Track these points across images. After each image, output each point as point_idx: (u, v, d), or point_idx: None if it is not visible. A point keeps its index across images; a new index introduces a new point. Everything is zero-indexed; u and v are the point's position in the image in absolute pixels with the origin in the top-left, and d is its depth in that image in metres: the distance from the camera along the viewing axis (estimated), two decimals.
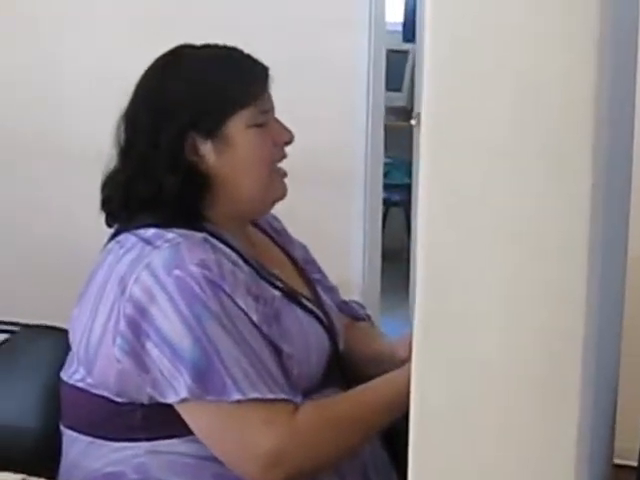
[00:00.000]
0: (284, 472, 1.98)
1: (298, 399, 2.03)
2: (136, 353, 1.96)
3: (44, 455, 2.17)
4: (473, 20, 1.70)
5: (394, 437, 2.00)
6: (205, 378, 1.94)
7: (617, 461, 2.04)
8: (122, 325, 1.97)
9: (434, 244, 1.75)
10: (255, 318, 2.03)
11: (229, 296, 2.00)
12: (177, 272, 1.97)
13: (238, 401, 1.94)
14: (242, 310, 2.01)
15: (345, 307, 2.43)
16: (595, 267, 1.73)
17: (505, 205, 1.71)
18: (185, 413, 1.99)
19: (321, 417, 2.04)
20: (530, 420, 1.76)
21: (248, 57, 2.20)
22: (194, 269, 1.98)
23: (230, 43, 2.24)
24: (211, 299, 1.97)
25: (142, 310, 1.96)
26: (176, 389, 1.94)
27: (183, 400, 1.95)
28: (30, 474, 2.04)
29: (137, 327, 1.96)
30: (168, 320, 1.95)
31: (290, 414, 1.99)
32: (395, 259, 5.02)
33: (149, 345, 1.95)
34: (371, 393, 2.08)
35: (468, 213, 1.73)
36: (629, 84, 1.97)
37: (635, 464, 2.11)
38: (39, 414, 2.24)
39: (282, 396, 1.99)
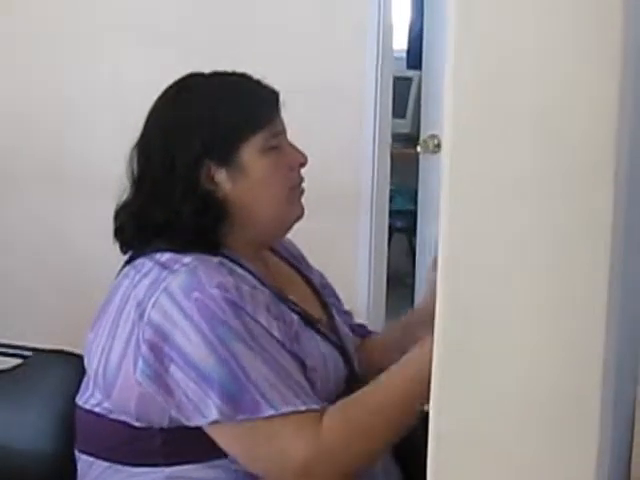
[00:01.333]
0: (319, 477, 2.00)
1: (323, 405, 2.03)
2: (160, 377, 1.96)
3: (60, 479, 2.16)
4: (497, 54, 1.69)
5: (407, 456, 2.00)
6: (235, 398, 1.93)
7: None
8: (144, 350, 1.97)
9: (454, 281, 1.75)
10: (277, 334, 2.03)
11: (250, 316, 2.00)
12: (196, 294, 1.97)
13: (271, 416, 1.94)
14: (264, 328, 2.01)
15: (358, 329, 2.45)
16: (614, 295, 1.72)
17: (525, 242, 1.71)
18: (214, 434, 1.98)
19: (347, 417, 2.03)
20: (547, 459, 1.76)
21: (257, 82, 2.21)
22: (214, 291, 1.97)
23: (241, 70, 2.25)
24: (232, 319, 1.97)
25: (163, 334, 1.96)
26: (203, 412, 1.93)
27: (215, 422, 1.94)
28: None
29: (159, 351, 1.96)
30: (191, 343, 1.94)
31: (318, 422, 1.99)
32: (398, 284, 5.02)
33: (173, 368, 1.95)
34: (390, 379, 2.06)
35: (488, 250, 1.74)
36: None
37: None
38: (53, 439, 2.25)
39: (312, 406, 1.99)
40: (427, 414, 1.72)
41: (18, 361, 2.37)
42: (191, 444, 2.01)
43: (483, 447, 1.75)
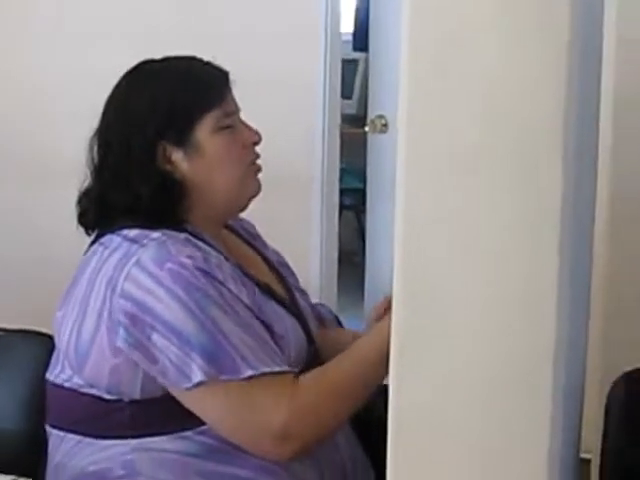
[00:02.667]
0: (298, 444, 2.02)
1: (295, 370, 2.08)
2: (142, 345, 1.99)
3: (30, 456, 2.19)
4: (450, 38, 1.74)
5: (371, 436, 2.02)
6: (217, 359, 1.97)
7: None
8: (123, 321, 2.00)
9: (410, 259, 1.79)
10: (246, 301, 2.07)
11: (222, 283, 2.04)
12: (169, 265, 2.00)
13: (250, 377, 1.97)
14: (235, 295, 2.05)
15: (314, 310, 2.46)
16: (564, 278, 1.76)
17: (479, 218, 1.74)
18: (195, 400, 2.01)
19: (320, 383, 2.07)
20: (504, 422, 1.79)
21: (207, 64, 2.24)
22: (185, 260, 2.01)
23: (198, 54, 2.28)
24: (206, 285, 2.01)
25: (141, 305, 1.99)
26: (188, 375, 1.96)
27: (198, 384, 1.97)
28: (19, 476, 2.06)
29: (140, 321, 1.99)
30: (169, 310, 1.98)
31: (294, 384, 2.03)
32: (348, 261, 5.06)
33: (155, 336, 1.98)
34: (358, 350, 2.10)
35: (442, 235, 1.77)
36: (593, 94, 2.00)
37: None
38: (23, 416, 2.27)
39: (286, 368, 2.03)
40: (386, 389, 1.78)
41: None
42: (158, 416, 2.04)
43: (439, 421, 1.80)
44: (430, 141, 1.76)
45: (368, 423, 2.10)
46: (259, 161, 2.25)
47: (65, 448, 2.11)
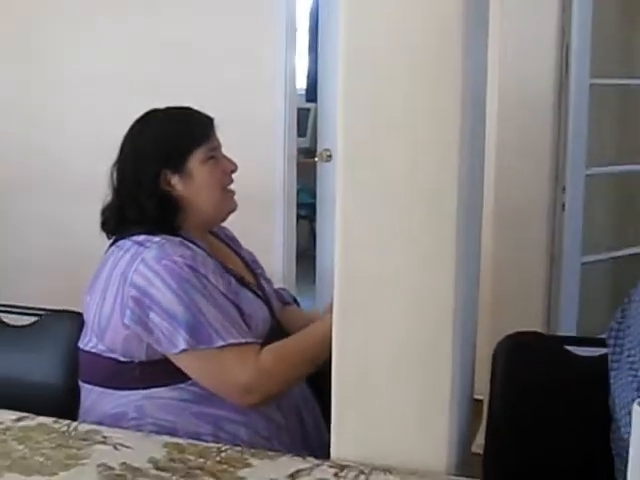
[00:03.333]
0: (258, 396, 2.07)
1: (259, 341, 2.12)
2: (143, 321, 2.05)
3: (68, 404, 2.20)
4: (372, 90, 1.77)
5: (320, 383, 2.02)
6: (196, 333, 2.02)
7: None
8: (130, 303, 2.05)
9: (347, 244, 1.83)
10: (223, 290, 2.12)
11: (204, 276, 2.09)
12: (165, 262, 2.06)
13: (221, 346, 2.02)
14: (214, 285, 2.10)
15: (278, 293, 2.49)
16: (460, 262, 1.79)
17: (396, 221, 1.79)
18: (182, 362, 2.06)
19: (278, 354, 2.11)
20: (418, 369, 1.83)
21: (198, 112, 2.27)
22: (177, 259, 2.07)
23: (186, 103, 2.33)
24: (192, 278, 2.06)
25: (143, 291, 2.04)
26: (175, 343, 2.02)
27: (182, 351, 2.02)
28: (59, 418, 2.07)
29: (142, 303, 2.04)
30: (164, 296, 2.03)
31: (257, 354, 2.08)
32: (304, 256, 5.11)
33: (152, 315, 2.04)
34: (307, 336, 2.15)
35: (369, 235, 1.82)
36: (481, 131, 2.03)
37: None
38: (62, 374, 2.29)
39: (250, 340, 2.08)
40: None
41: (35, 319, 2.40)
42: (160, 373, 2.09)
43: (369, 367, 1.84)
44: (360, 168, 1.80)
45: (319, 381, 2.09)
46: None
47: (92, 397, 2.16)
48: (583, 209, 3.70)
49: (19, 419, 2.06)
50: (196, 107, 2.32)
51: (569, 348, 2.24)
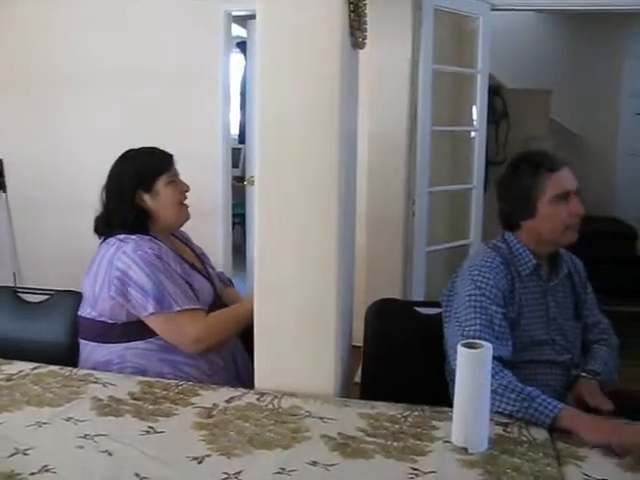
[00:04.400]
0: (204, 346, 2.06)
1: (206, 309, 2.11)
2: (123, 294, 2.03)
3: (71, 355, 2.17)
4: (277, 136, 1.81)
5: (248, 335, 2.01)
6: (161, 301, 2.01)
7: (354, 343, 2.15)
8: (115, 282, 2.03)
9: (262, 242, 1.85)
10: (180, 272, 2.10)
11: (167, 262, 2.08)
12: (139, 252, 2.05)
13: (178, 311, 2.02)
14: (173, 268, 2.09)
15: (219, 276, 2.45)
16: (340, 248, 1.83)
17: (296, 218, 1.81)
18: (151, 322, 2.04)
19: (218, 318, 2.11)
20: (312, 324, 1.86)
21: (162, 150, 2.24)
22: (148, 250, 2.06)
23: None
24: (158, 264, 2.05)
25: (124, 273, 2.03)
26: (146, 308, 2.01)
27: (151, 314, 2.01)
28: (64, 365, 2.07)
29: (123, 281, 2.03)
30: (138, 276, 2.02)
31: (204, 317, 2.08)
32: (238, 251, 5.08)
33: (130, 289, 2.02)
34: (240, 307, 2.14)
35: (279, 222, 1.84)
36: (354, 155, 2.08)
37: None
38: (68, 334, 2.25)
39: (199, 307, 2.08)
40: None
41: (46, 297, 2.37)
42: (136, 331, 2.06)
43: (280, 332, 1.88)
44: (270, 189, 1.83)
45: (249, 335, 2.04)
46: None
47: (88, 350, 2.12)
48: (427, 215, 3.76)
49: (35, 368, 2.04)
50: (162, 147, 2.28)
51: (417, 309, 2.28)
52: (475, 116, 4.01)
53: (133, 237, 2.10)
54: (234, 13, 4.42)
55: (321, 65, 1.74)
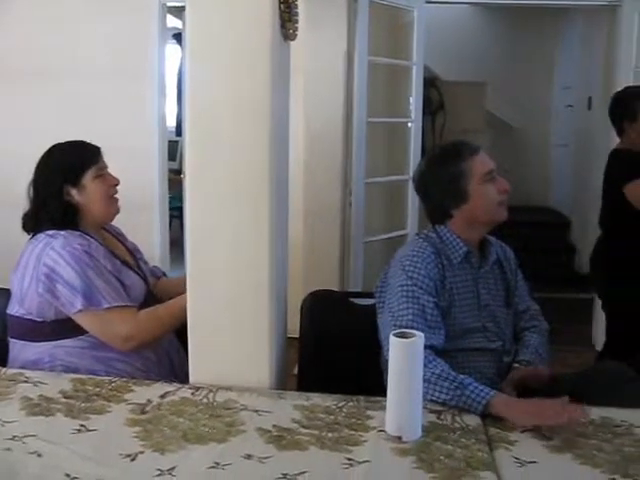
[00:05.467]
0: (136, 344, 2.02)
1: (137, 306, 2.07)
2: (51, 290, 1.98)
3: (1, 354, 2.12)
4: (207, 129, 1.79)
5: (183, 331, 1.99)
6: (89, 297, 1.97)
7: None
8: (43, 278, 1.99)
9: (194, 234, 1.83)
10: (110, 269, 2.06)
11: (96, 259, 2.03)
12: (68, 248, 2.00)
13: (107, 308, 1.98)
14: (103, 265, 2.05)
15: (152, 271, 2.42)
16: (273, 243, 1.83)
17: (227, 210, 1.80)
18: (80, 320, 2.00)
19: (149, 315, 2.06)
20: (247, 314, 1.85)
21: (89, 143, 2.19)
22: (77, 246, 2.01)
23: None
24: (87, 260, 2.01)
25: (52, 269, 1.98)
26: (74, 305, 1.97)
27: (79, 311, 1.97)
28: None
29: (51, 278, 1.98)
30: (66, 272, 1.98)
31: (135, 314, 2.04)
32: (176, 244, 4.99)
33: (58, 286, 1.98)
34: (172, 303, 2.08)
35: (209, 216, 1.82)
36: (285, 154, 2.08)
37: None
38: None
39: (129, 304, 2.04)
40: None
41: None
42: (65, 328, 2.02)
43: (214, 327, 1.86)
44: (202, 182, 1.81)
45: (183, 331, 2.03)
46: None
47: (17, 348, 2.08)
48: (364, 206, 3.79)
49: None
50: (96, 141, 2.23)
51: (353, 299, 2.29)
52: (411, 107, 4.05)
53: (62, 233, 2.05)
54: (169, 4, 4.35)
55: (251, 57, 1.73)
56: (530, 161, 6.98)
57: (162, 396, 1.79)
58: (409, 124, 4.08)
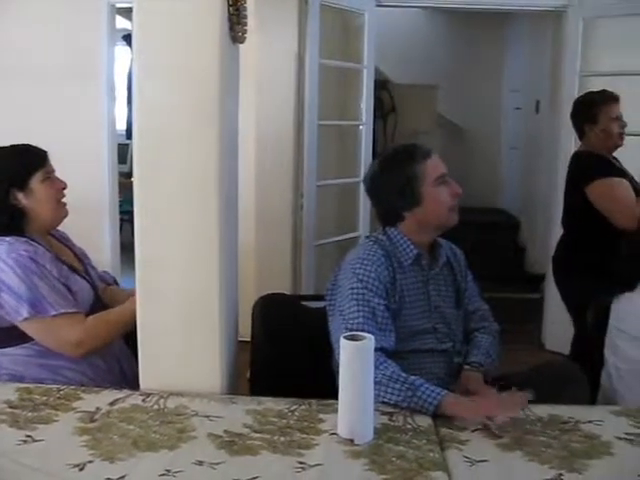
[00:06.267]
0: (85, 350, 1.99)
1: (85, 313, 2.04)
2: None
3: None
4: (156, 136, 1.78)
5: (133, 337, 1.96)
6: (35, 305, 1.93)
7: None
8: None
9: (143, 240, 1.82)
10: (56, 274, 2.02)
11: (43, 265, 1.99)
12: (13, 255, 1.96)
13: (55, 315, 1.94)
14: (49, 271, 2.00)
15: (101, 276, 2.38)
16: (222, 245, 1.83)
17: (175, 216, 1.79)
18: (26, 328, 1.97)
19: (98, 320, 2.03)
20: (196, 320, 1.83)
21: (35, 147, 2.14)
22: (23, 253, 1.97)
23: None
24: (33, 266, 1.96)
25: None
26: (20, 313, 1.93)
27: (25, 319, 1.94)
28: None
29: None
30: (11, 279, 1.94)
31: (83, 320, 2.00)
32: (127, 248, 4.92)
33: (2, 294, 1.94)
34: (122, 308, 2.05)
35: (158, 221, 1.81)
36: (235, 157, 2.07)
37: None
38: None
39: (77, 310, 2.00)
40: None
41: None
42: (10, 337, 1.99)
43: (164, 333, 1.84)
44: (148, 187, 1.80)
45: (133, 337, 2.00)
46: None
47: None
48: (315, 209, 3.79)
49: None
50: (45, 144, 2.19)
51: (305, 303, 2.29)
52: (362, 110, 4.07)
53: (7, 239, 2.01)
54: (118, 5, 4.29)
55: (199, 60, 1.72)
56: (480, 163, 7.07)
57: (112, 403, 1.76)
58: (360, 127, 4.10)
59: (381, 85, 5.95)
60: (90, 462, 1.46)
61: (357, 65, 4.05)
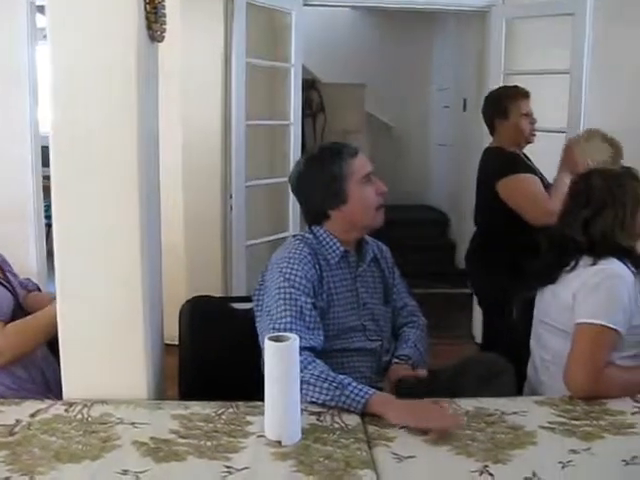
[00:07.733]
0: (5, 359, 1.94)
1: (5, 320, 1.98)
2: None
3: None
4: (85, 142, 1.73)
5: (57, 344, 1.93)
6: None
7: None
8: None
9: (61, 242, 1.77)
10: None
11: None
12: None
13: None
14: None
15: (22, 284, 2.31)
16: (144, 251, 1.80)
17: (95, 220, 1.75)
18: None
19: (18, 327, 1.98)
20: (119, 327, 1.80)
21: None
22: None
23: None
24: None
25: None
26: None
27: None
28: None
29: None
30: None
31: (3, 327, 1.95)
32: (54, 256, 4.77)
33: None
34: (41, 314, 2.01)
35: (77, 226, 1.77)
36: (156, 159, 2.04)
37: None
38: None
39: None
40: None
41: None
42: None
43: (86, 340, 1.81)
44: (67, 190, 1.76)
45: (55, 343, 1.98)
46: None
47: None
48: (245, 209, 3.76)
49: None
50: None
51: (233, 304, 2.27)
52: (290, 109, 4.06)
53: None
54: (38, 2, 4.15)
55: (115, 59, 1.68)
56: (410, 161, 7.16)
57: (33, 415, 1.70)
58: (289, 126, 4.08)
59: (310, 84, 5.96)
60: (7, 479, 1.40)
61: (285, 64, 4.04)
